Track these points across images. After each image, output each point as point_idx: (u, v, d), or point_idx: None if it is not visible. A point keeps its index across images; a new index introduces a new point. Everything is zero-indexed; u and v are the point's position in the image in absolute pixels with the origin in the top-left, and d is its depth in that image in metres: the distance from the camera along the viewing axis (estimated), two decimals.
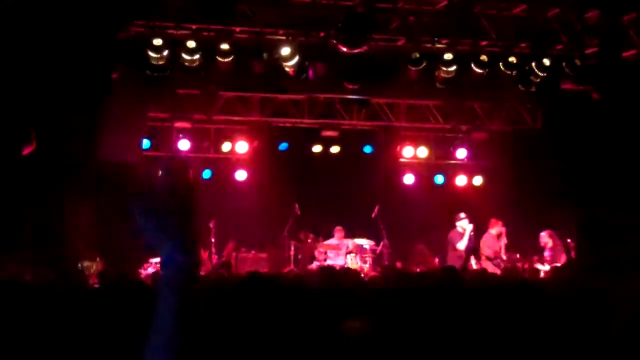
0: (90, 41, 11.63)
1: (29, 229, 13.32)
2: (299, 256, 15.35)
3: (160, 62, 12.31)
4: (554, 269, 12.09)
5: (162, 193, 2.18)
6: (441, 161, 17.82)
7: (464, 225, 14.35)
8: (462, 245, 14.22)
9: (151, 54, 12.15)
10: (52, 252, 13.17)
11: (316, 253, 15.40)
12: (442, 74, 13.15)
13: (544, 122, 16.90)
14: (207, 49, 12.35)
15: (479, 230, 14.72)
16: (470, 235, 14.27)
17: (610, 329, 3.84)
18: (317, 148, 17.04)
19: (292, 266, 14.89)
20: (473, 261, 14.28)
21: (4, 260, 10.96)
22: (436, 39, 12.85)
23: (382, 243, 15.62)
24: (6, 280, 6.48)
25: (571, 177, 15.50)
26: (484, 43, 13.20)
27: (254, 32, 12.52)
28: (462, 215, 14.47)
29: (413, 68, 12.95)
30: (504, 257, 14.15)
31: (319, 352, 4.06)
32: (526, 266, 13.78)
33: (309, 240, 15.46)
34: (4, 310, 5.03)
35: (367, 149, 17.17)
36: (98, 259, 14.14)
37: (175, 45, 12.20)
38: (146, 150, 16.15)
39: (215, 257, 15.14)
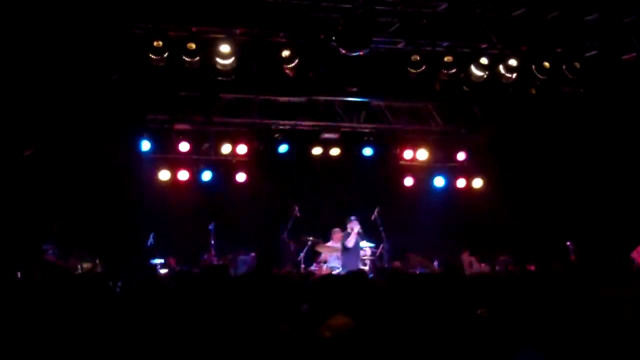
0: (91, 43, 11.65)
1: (27, 229, 13.36)
2: (298, 258, 15.36)
3: (161, 64, 12.32)
4: (553, 269, 12.08)
5: None
6: (441, 164, 17.82)
7: (353, 226, 14.97)
8: (349, 243, 14.84)
9: (151, 55, 12.15)
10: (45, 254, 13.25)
11: (315, 255, 15.43)
12: (442, 77, 13.15)
13: (543, 125, 16.89)
14: (208, 50, 12.36)
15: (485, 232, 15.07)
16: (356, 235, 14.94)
17: (606, 330, 3.85)
18: (317, 150, 17.06)
19: (290, 268, 14.89)
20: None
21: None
22: (436, 41, 12.85)
23: (381, 245, 15.62)
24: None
25: (571, 178, 15.53)
26: (483, 46, 13.21)
27: (254, 34, 12.53)
28: (352, 217, 15.04)
29: (413, 70, 12.95)
30: None
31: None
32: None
33: (309, 242, 15.47)
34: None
35: (367, 152, 17.16)
36: (97, 261, 14.17)
37: (176, 47, 12.21)
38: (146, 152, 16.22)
39: (214, 259, 15.17)
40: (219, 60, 12.36)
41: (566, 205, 15.45)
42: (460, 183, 17.80)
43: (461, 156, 17.55)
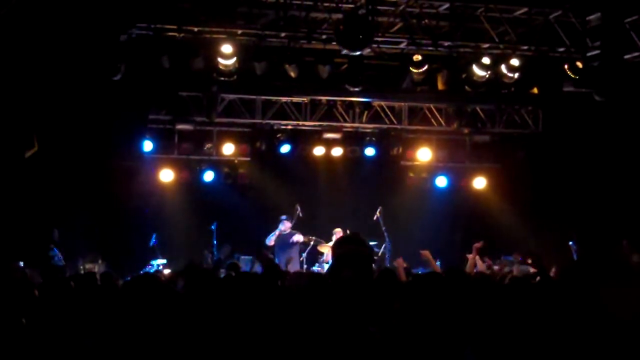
0: (93, 44, 11.66)
1: (32, 230, 13.37)
2: (301, 258, 15.36)
3: (163, 65, 12.31)
4: (558, 270, 12.02)
5: None
6: (443, 163, 17.82)
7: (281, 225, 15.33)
8: (269, 241, 15.32)
9: (153, 56, 12.16)
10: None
11: (318, 255, 15.44)
12: (444, 77, 13.13)
13: (545, 125, 16.89)
14: (209, 51, 12.36)
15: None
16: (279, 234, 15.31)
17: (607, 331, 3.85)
18: (319, 150, 17.06)
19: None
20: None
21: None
22: (438, 41, 12.84)
23: (384, 245, 15.61)
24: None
25: (573, 179, 15.52)
26: (485, 46, 13.19)
27: (255, 34, 12.52)
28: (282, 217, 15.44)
29: (415, 70, 12.93)
30: None
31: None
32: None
33: (311, 243, 15.47)
34: None
35: (369, 152, 17.15)
36: (100, 261, 14.20)
37: (178, 47, 12.21)
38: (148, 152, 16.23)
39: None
40: (220, 60, 12.37)
41: (569, 205, 15.43)
42: (463, 183, 17.82)
43: (463, 156, 17.59)
